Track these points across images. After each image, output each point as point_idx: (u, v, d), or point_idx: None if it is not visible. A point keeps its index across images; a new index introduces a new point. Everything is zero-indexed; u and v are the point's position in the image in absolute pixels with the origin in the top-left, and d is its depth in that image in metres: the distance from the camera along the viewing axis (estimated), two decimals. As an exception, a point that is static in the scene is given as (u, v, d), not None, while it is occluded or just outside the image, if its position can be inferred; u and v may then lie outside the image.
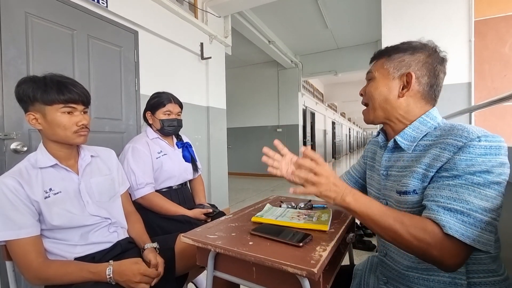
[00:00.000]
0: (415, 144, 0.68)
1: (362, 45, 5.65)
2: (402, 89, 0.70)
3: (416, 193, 0.63)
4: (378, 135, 0.82)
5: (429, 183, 0.62)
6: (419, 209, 0.63)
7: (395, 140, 0.72)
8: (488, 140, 0.56)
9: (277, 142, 0.87)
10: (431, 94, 0.70)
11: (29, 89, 0.81)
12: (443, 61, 0.70)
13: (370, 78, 0.76)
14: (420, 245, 0.55)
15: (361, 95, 0.79)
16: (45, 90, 0.81)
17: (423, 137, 0.68)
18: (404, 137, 0.70)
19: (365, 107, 0.79)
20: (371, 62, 0.79)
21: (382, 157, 0.77)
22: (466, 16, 2.40)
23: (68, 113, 0.85)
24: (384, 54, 0.74)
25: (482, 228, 0.54)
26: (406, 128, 0.70)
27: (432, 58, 0.69)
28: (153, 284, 0.86)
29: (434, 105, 0.72)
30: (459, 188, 0.56)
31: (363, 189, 0.99)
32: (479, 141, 0.56)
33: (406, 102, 0.70)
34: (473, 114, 2.44)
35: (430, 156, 0.62)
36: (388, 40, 2.57)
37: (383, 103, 0.72)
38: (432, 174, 0.61)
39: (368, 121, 0.79)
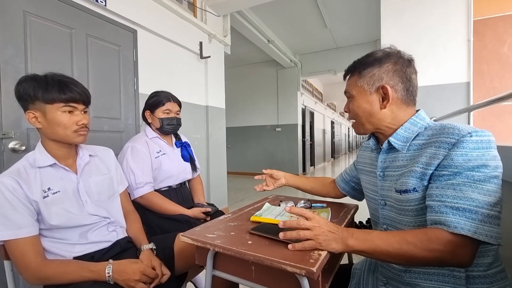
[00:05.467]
0: (408, 144, 0.71)
1: (361, 44, 5.64)
2: (382, 101, 0.72)
3: (416, 191, 0.65)
4: (369, 138, 0.85)
5: (429, 182, 0.63)
6: (420, 206, 0.65)
7: (389, 142, 0.74)
8: (478, 135, 0.59)
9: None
10: (410, 97, 0.73)
11: (30, 88, 0.81)
12: (410, 63, 0.73)
13: (349, 96, 0.79)
14: (434, 255, 0.56)
15: (346, 111, 0.82)
16: (46, 89, 0.81)
17: (415, 137, 0.70)
18: (397, 138, 0.73)
19: (353, 121, 0.82)
20: (344, 79, 0.83)
21: (377, 159, 0.79)
22: (465, 16, 2.40)
23: (69, 112, 0.85)
24: (354, 71, 0.77)
25: (491, 223, 0.55)
26: (398, 130, 0.73)
27: (400, 64, 0.72)
28: (154, 284, 0.86)
29: (415, 104, 0.75)
30: (462, 186, 0.57)
31: (354, 190, 1.04)
32: (471, 136, 0.59)
33: (390, 111, 0.73)
34: (471, 113, 2.45)
35: (426, 155, 0.64)
36: (388, 39, 2.56)
37: (368, 118, 0.75)
38: (430, 172, 0.62)
39: (358, 133, 0.83)
